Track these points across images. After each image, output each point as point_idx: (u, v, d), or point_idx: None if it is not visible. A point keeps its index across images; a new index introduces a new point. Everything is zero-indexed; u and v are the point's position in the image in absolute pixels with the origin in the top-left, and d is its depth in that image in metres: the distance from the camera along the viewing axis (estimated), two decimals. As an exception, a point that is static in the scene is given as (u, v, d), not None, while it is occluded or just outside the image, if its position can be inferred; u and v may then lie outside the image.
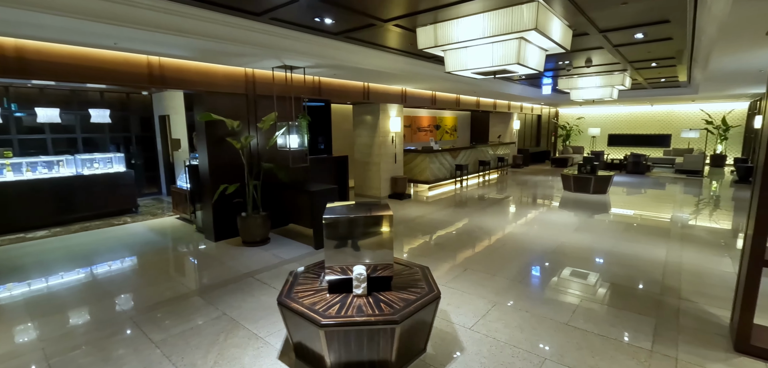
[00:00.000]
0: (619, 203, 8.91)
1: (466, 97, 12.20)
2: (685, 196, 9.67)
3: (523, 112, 16.92)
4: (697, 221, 7.18)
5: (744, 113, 15.69)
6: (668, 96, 13.77)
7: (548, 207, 8.56)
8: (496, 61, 4.30)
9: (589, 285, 4.34)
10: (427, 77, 7.78)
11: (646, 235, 6.21)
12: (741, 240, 6.01)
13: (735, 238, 6.11)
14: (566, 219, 7.36)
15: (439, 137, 15.02)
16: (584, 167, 10.07)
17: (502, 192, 10.33)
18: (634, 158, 13.79)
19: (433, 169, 10.85)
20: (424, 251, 5.58)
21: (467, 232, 6.52)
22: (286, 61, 5.52)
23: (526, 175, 13.94)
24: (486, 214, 7.76)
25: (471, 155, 12.59)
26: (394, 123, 9.31)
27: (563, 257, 5.24)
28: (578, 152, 18.45)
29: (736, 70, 7.09)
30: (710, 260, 5.07)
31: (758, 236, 2.87)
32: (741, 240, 6.01)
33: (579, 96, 9.81)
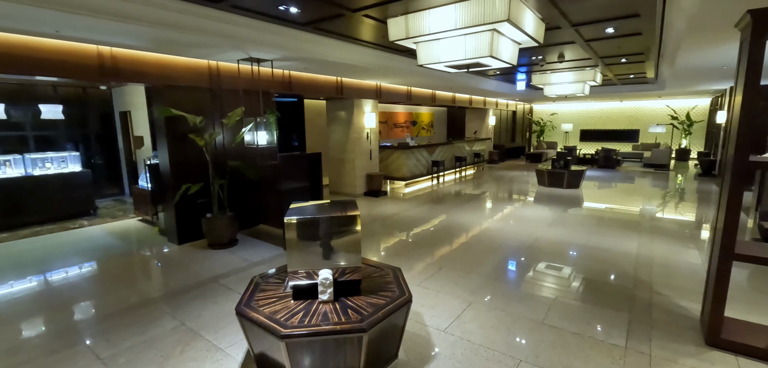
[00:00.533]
0: (592, 197, 9.04)
1: (442, 93, 12.14)
2: (653, 190, 9.93)
3: (499, 108, 17.06)
4: (665, 213, 7.35)
5: (706, 109, 16.35)
6: (636, 92, 14.16)
7: (523, 202, 8.59)
8: (468, 54, 4.18)
9: (563, 280, 4.30)
10: (401, 72, 7.63)
11: (618, 229, 6.28)
12: (707, 232, 6.18)
13: (700, 230, 6.26)
14: (541, 214, 7.39)
15: (416, 133, 14.94)
16: (558, 162, 10.19)
17: (478, 188, 10.32)
18: (605, 153, 14.12)
19: (409, 166, 10.73)
20: (400, 249, 5.44)
21: (443, 229, 6.42)
22: (251, 53, 5.24)
23: (502, 170, 14.04)
24: (462, 210, 7.70)
25: (447, 151, 12.56)
26: (368, 119, 9.12)
27: (538, 252, 5.21)
28: (552, 147, 18.79)
29: (702, 67, 7.27)
30: (679, 252, 5.15)
31: (728, 230, 2.85)
32: (707, 232, 6.18)
33: (552, 92, 9.90)
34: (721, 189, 3.13)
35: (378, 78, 8.52)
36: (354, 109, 8.91)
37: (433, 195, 9.42)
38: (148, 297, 4.05)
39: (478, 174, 13.07)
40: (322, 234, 2.76)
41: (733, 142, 2.87)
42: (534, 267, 4.69)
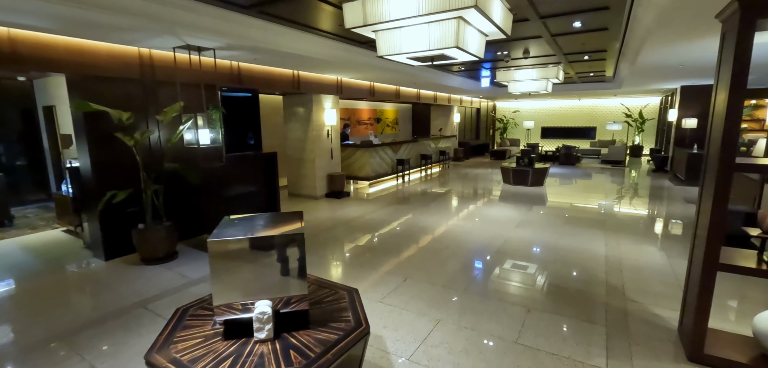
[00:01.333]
0: (556, 194, 9.01)
1: (406, 89, 11.78)
2: (613, 186, 10.10)
3: (463, 106, 16.99)
4: (626, 208, 7.38)
5: (657, 107, 17.11)
6: (594, 90, 14.51)
7: (490, 201, 8.39)
8: (433, 44, 3.78)
9: (536, 289, 4.02)
10: (361, 65, 7.15)
11: (585, 227, 6.17)
12: (661, 225, 6.18)
13: (661, 226, 6.27)
14: (508, 213, 7.18)
15: (380, 131, 14.52)
16: (522, 160, 10.12)
17: (444, 187, 10.06)
18: (566, 150, 14.37)
19: (373, 165, 10.29)
20: (361, 259, 4.98)
21: (408, 233, 6.02)
22: (188, 40, 4.57)
23: (467, 168, 13.93)
24: (428, 211, 7.36)
25: (413, 149, 12.23)
26: (329, 115, 8.58)
27: (507, 257, 4.93)
28: (515, 144, 19.03)
29: (660, 65, 7.34)
30: (645, 252, 5.05)
31: (712, 240, 2.62)
32: (661, 225, 6.18)
33: (516, 89, 9.78)
34: (701, 195, 2.92)
35: (338, 72, 7.99)
36: (313, 105, 8.33)
37: (399, 196, 9.03)
38: (53, 332, 3.34)
39: (444, 172, 12.86)
40: (257, 257, 2.25)
41: (716, 143, 2.65)
42: (504, 275, 4.39)
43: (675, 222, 6.58)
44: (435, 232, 6.05)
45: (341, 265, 4.77)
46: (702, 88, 11.24)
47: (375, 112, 14.07)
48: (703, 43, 5.28)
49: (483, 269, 4.57)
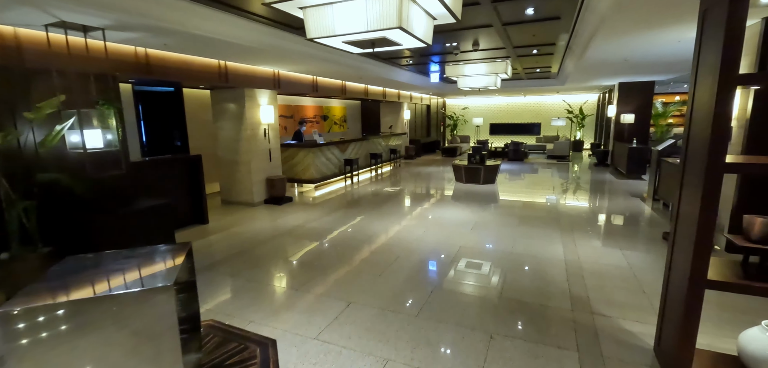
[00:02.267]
0: (508, 192, 8.80)
1: (353, 85, 11.09)
2: (560, 181, 10.16)
3: (413, 102, 16.63)
4: (575, 203, 7.28)
5: (595, 104, 17.90)
6: (539, 87, 14.76)
7: (442, 201, 7.95)
8: (372, 24, 3.13)
9: (497, 308, 3.53)
10: (298, 55, 6.35)
11: (540, 227, 5.88)
12: (612, 221, 6.06)
13: (612, 222, 6.16)
14: (461, 215, 6.76)
15: (328, 129, 13.70)
16: (474, 158, 9.85)
17: (395, 187, 9.52)
18: (514, 146, 14.48)
19: (318, 166, 9.49)
20: (297, 279, 4.23)
21: (355, 242, 5.36)
22: (59, 14, 3.54)
23: (418, 166, 13.54)
24: (377, 215, 6.74)
25: (362, 148, 11.58)
26: (265, 113, 7.66)
27: (464, 268, 4.43)
28: (465, 141, 19.06)
29: (605, 60, 7.31)
30: (602, 252, 4.81)
31: (699, 253, 2.23)
32: (612, 221, 6.06)
33: (466, 84, 9.47)
34: (680, 200, 2.54)
35: (273, 63, 7.12)
36: (246, 101, 7.37)
37: (347, 198, 8.34)
38: None
39: (395, 171, 12.35)
40: (91, 329, 1.47)
41: (700, 141, 2.26)
42: (461, 291, 3.87)
43: (624, 218, 6.53)
44: (384, 240, 5.44)
45: (271, 292, 3.99)
46: (639, 84, 11.70)
47: (321, 109, 13.23)
48: (655, 33, 5.14)
49: (438, 285, 4.03)
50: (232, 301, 3.72)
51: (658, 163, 7.53)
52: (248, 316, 3.42)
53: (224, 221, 6.69)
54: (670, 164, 6.88)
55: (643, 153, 10.09)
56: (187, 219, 6.36)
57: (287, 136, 11.36)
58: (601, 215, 6.78)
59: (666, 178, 7.12)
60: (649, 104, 11.82)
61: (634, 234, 5.61)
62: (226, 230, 6.14)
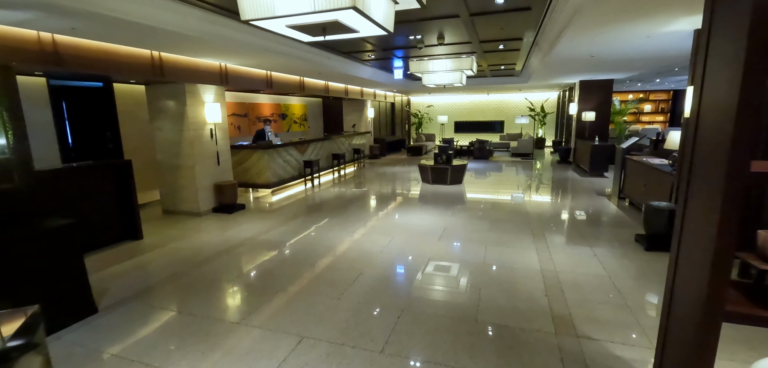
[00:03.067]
0: (475, 192, 8.49)
1: (312, 81, 10.40)
2: (526, 179, 10.02)
3: (377, 100, 16.12)
4: (543, 203, 7.06)
5: (555, 101, 18.21)
6: (502, 84, 14.72)
7: (408, 205, 7.49)
8: (320, 4, 2.56)
9: (474, 337, 3.07)
10: (243, 46, 5.64)
11: (511, 232, 5.54)
12: (581, 222, 5.84)
13: (582, 223, 5.94)
14: (429, 221, 6.32)
15: (287, 128, 12.89)
16: (440, 157, 9.48)
17: (358, 189, 8.96)
18: (480, 144, 14.35)
19: (275, 169, 8.75)
20: (240, 310, 3.58)
21: (311, 258, 4.75)
22: None
23: (384, 166, 13.05)
24: (338, 223, 6.16)
25: (323, 148, 10.91)
26: (211, 111, 6.85)
27: (433, 287, 3.96)
28: (430, 140, 18.81)
29: (572, 57, 7.13)
30: (577, 259, 4.51)
31: (717, 280, 1.85)
32: (581, 222, 5.84)
33: (431, 81, 9.07)
34: (684, 212, 2.17)
35: (216, 55, 6.34)
36: (187, 98, 6.53)
37: (306, 204, 7.68)
38: None
39: (359, 172, 11.78)
40: None
41: (714, 143, 1.88)
42: (432, 315, 3.38)
43: (593, 218, 6.35)
44: (345, 253, 4.87)
45: (206, 327, 3.32)
46: (599, 82, 11.83)
47: (279, 107, 12.40)
48: (626, 27, 4.92)
49: (405, 307, 3.52)
50: (150, 344, 3.02)
51: (622, 161, 7.47)
52: (168, 365, 2.74)
53: (163, 235, 5.85)
54: (636, 162, 6.80)
55: (606, 151, 10.16)
56: (115, 235, 5.48)
57: (241, 137, 10.48)
58: (570, 216, 6.58)
59: (631, 176, 7.05)
60: (608, 102, 12.00)
61: (606, 236, 5.40)
62: (163, 247, 5.33)
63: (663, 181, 5.68)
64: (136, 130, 7.60)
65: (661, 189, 5.73)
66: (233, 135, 10.30)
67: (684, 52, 6.30)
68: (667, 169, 5.71)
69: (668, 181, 5.49)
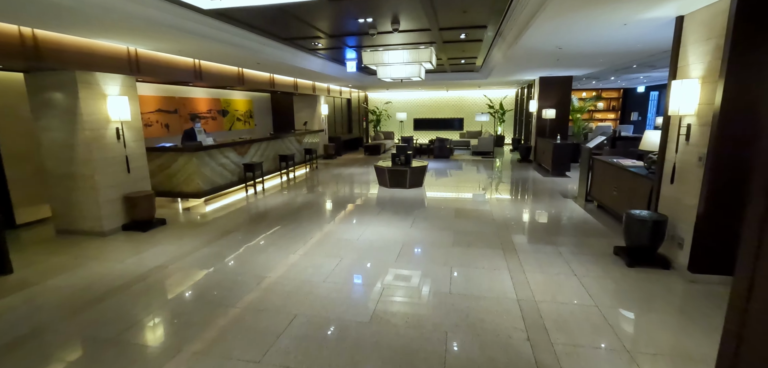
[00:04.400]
0: (437, 197, 7.74)
1: (253, 72, 9.20)
2: (488, 180, 9.46)
3: (331, 95, 15.05)
4: (509, 210, 6.43)
5: (513, 99, 18.05)
6: (461, 80, 14.19)
7: (362, 215, 6.57)
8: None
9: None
10: (155, 25, 4.45)
11: (478, 247, 4.80)
12: (552, 232, 5.23)
13: (552, 232, 5.32)
14: (385, 235, 5.45)
15: (229, 126, 11.51)
16: (398, 158, 8.66)
17: (307, 196, 7.91)
18: (440, 142, 13.73)
19: (207, 174, 7.48)
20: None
21: (232, 296, 3.71)
22: None
23: (339, 167, 12.05)
24: (275, 242, 5.12)
25: (268, 149, 9.71)
26: (117, 106, 5.54)
27: (388, 337, 3.08)
28: (389, 138, 18.02)
29: (538, 48, 6.54)
30: (557, 282, 3.83)
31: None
32: (552, 232, 5.23)
33: (386, 74, 8.21)
34: (761, 240, 1.41)
35: (115, 35, 5.06)
36: (80, 89, 5.18)
37: (241, 216, 6.54)
38: None
39: (311, 175, 10.70)
40: None
41: None
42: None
43: (564, 226, 5.79)
44: (277, 286, 3.87)
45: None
46: (558, 79, 11.55)
47: (218, 103, 11.00)
48: (603, 12, 4.29)
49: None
50: None
51: (589, 161, 7.02)
52: None
53: (42, 266, 4.53)
54: (605, 163, 6.32)
55: (568, 150, 9.82)
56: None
57: (170, 137, 9.06)
58: (540, 223, 5.97)
59: (600, 177, 6.59)
60: (567, 99, 11.76)
61: (582, 248, 4.80)
62: (36, 285, 4.05)
63: (638, 186, 5.18)
64: (18, 131, 6.06)
65: (635, 194, 5.23)
66: (159, 135, 8.86)
67: (662, 44, 5.87)
68: (642, 171, 5.21)
69: (645, 186, 4.99)
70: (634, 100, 19.22)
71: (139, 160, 6.11)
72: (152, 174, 7.23)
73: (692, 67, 4.02)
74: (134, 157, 6.01)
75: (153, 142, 8.33)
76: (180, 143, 7.71)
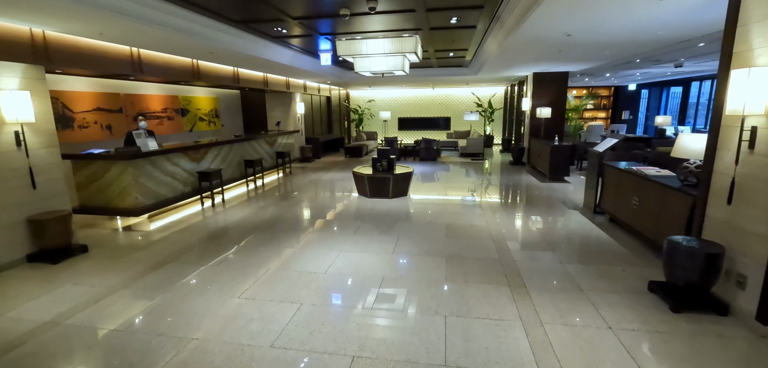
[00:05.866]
0: (424, 210, 6.69)
1: (211, 65, 7.98)
2: (481, 186, 8.46)
3: (309, 93, 13.86)
4: (511, 228, 5.44)
5: (502, 97, 17.17)
6: (449, 77, 13.21)
7: (335, 236, 5.47)
8: None
9: None
10: (62, 2, 3.25)
11: (479, 282, 3.78)
12: (571, 261, 4.24)
13: (570, 261, 4.33)
14: (361, 266, 4.37)
15: (189, 127, 10.22)
16: (380, 163, 7.58)
17: (273, 209, 6.76)
18: (426, 143, 12.71)
19: (148, 186, 6.24)
20: None
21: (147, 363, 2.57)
22: None
23: (316, 172, 10.90)
24: (216, 278, 3.98)
25: (230, 153, 8.48)
26: (14, 103, 4.29)
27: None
28: (372, 138, 16.94)
29: (543, 36, 5.56)
30: (587, 341, 2.82)
31: None
32: (571, 261, 4.24)
33: (365, 67, 7.12)
34: None
35: (10, 13, 3.83)
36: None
37: (187, 238, 5.35)
38: None
39: (282, 182, 9.52)
40: None
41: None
42: None
43: (579, 249, 4.82)
44: (206, 359, 2.74)
45: None
46: (553, 75, 10.67)
47: (176, 101, 9.70)
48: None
49: None
50: None
51: (599, 167, 6.10)
52: None
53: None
54: (621, 172, 5.38)
55: (567, 152, 8.92)
56: None
57: (113, 140, 7.75)
58: (550, 247, 4.97)
59: (614, 188, 5.66)
60: (563, 97, 10.90)
61: (608, 283, 3.82)
62: None
63: (670, 201, 4.23)
64: None
65: (665, 212, 4.28)
66: (99, 138, 7.56)
67: (698, 26, 4.94)
68: (672, 183, 4.27)
69: (680, 203, 4.04)
70: (626, 98, 18.63)
71: (50, 171, 4.85)
72: (80, 187, 5.99)
73: (757, 53, 3.05)
74: (43, 169, 4.75)
75: (90, 146, 7.04)
76: (123, 146, 6.44)
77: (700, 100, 16.19)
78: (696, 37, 6.03)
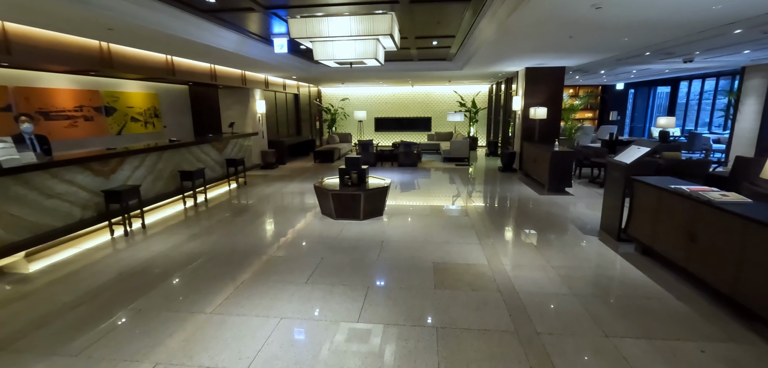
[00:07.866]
0: (404, 238, 5.18)
1: (129, 50, 6.24)
2: (471, 200, 7.02)
3: (272, 89, 12.15)
4: (511, 253, 4.02)
5: (486, 96, 15.93)
6: (430, 73, 11.79)
7: (277, 288, 3.90)
8: None
9: None
10: None
11: (480, 344, 2.32)
12: (570, 297, 2.89)
13: (603, 321, 2.93)
14: (307, 350, 2.83)
15: (119, 129, 8.36)
16: (348, 176, 6.05)
17: (203, 240, 5.10)
18: (405, 146, 11.23)
19: (17, 215, 4.46)
20: None
21: None
22: None
23: (277, 180, 9.24)
24: None
25: (160, 163, 6.71)
26: None
27: None
28: (346, 140, 15.35)
29: (558, 11, 4.16)
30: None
31: None
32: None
33: (328, 54, 5.55)
34: None
35: None
36: None
37: (62, 293, 3.65)
38: None
39: (231, 197, 7.83)
40: None
41: None
42: None
43: (615, 302, 3.44)
44: None
45: None
46: (547, 71, 9.40)
47: (96, 96, 7.82)
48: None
49: None
50: None
51: (627, 185, 4.77)
52: None
53: None
54: (664, 192, 4.05)
55: (569, 160, 7.64)
56: None
57: None
58: (581, 304, 3.56)
59: (649, 212, 4.33)
60: (559, 95, 9.67)
61: (666, 357, 2.44)
62: None
63: (753, 239, 2.89)
64: None
65: (749, 254, 2.94)
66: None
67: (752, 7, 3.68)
68: (759, 214, 2.94)
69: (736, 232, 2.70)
70: (613, 98, 17.78)
71: None
72: None
73: None
74: None
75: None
76: None
77: (690, 101, 15.46)
78: (741, 19, 4.80)
